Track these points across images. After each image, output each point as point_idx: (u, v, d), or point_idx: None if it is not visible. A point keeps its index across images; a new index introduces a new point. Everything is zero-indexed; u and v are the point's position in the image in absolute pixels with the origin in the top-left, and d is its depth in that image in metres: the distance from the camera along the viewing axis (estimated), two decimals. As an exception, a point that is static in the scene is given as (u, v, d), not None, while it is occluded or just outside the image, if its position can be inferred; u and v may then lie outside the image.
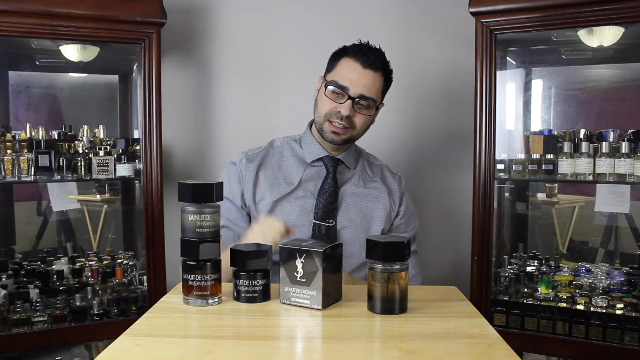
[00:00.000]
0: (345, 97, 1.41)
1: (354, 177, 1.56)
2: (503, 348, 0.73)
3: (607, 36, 1.84)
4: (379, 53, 1.46)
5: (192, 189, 0.90)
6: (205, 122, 2.23)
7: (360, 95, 1.41)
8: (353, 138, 1.50)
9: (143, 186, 1.91)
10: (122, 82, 2.32)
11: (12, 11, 1.70)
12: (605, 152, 1.76)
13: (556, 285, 1.88)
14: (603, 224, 2.12)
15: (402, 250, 0.86)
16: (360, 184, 1.55)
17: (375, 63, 1.43)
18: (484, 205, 1.82)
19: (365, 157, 1.65)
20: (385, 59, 1.48)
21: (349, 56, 1.45)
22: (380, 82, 1.46)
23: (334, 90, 1.43)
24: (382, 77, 1.46)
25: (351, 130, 1.45)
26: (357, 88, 1.41)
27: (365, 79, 1.42)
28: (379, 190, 1.56)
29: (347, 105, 1.41)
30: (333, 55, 1.52)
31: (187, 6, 2.19)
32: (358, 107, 1.43)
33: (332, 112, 1.43)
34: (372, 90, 1.43)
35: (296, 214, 1.47)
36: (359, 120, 1.45)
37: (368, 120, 1.49)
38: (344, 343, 0.76)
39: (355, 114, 1.43)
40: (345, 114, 1.41)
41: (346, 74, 1.42)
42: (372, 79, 1.43)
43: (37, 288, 1.83)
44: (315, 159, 1.53)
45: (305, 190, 1.50)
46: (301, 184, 1.50)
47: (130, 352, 0.72)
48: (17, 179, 1.84)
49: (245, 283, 0.93)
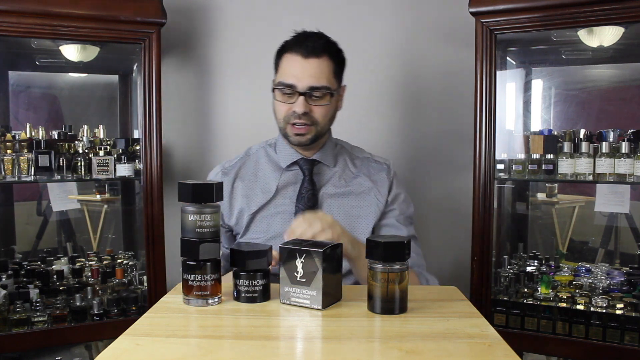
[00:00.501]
0: (295, 94, 1.33)
1: (335, 176, 1.46)
2: (503, 348, 0.73)
3: (607, 36, 1.84)
4: (317, 37, 1.37)
5: (192, 189, 0.90)
6: (205, 122, 2.23)
7: (310, 87, 1.33)
8: (320, 133, 1.40)
9: (143, 186, 1.91)
10: (122, 82, 2.32)
11: (12, 11, 1.70)
12: (605, 152, 1.76)
13: (556, 285, 1.88)
14: (603, 224, 2.12)
15: (402, 250, 0.86)
16: (342, 183, 1.45)
17: (315, 49, 1.34)
18: (484, 205, 1.82)
19: (349, 151, 1.54)
20: (327, 41, 1.38)
21: (289, 51, 1.36)
22: (329, 66, 1.37)
23: (282, 91, 1.35)
24: (329, 61, 1.37)
25: (314, 126, 1.37)
26: (303, 81, 1.33)
27: (310, 69, 1.33)
28: (363, 186, 1.46)
29: (300, 102, 1.33)
30: (276, 54, 1.43)
31: (187, 6, 2.19)
32: (312, 100, 1.34)
33: (289, 114, 1.36)
34: (320, 79, 1.34)
35: (277, 224, 1.39)
36: (318, 114, 1.36)
37: (329, 109, 1.39)
38: (344, 343, 0.76)
39: (311, 108, 1.35)
40: (300, 111, 1.33)
41: (289, 71, 1.35)
42: (318, 66, 1.34)
43: (37, 288, 1.83)
44: (290, 162, 1.44)
45: (284, 197, 1.42)
46: (279, 191, 1.42)
47: (130, 352, 0.72)
48: (17, 179, 1.84)
49: (245, 283, 0.93)
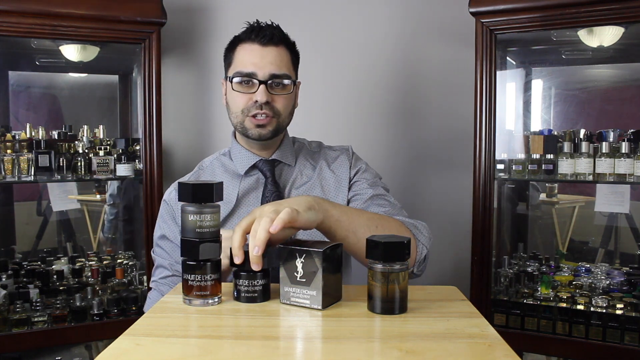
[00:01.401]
0: (256, 83, 1.25)
1: (297, 174, 1.37)
2: (503, 348, 0.73)
3: (607, 36, 1.84)
4: (272, 27, 1.30)
5: (192, 189, 0.90)
6: (205, 122, 2.23)
7: (271, 74, 1.25)
8: (280, 127, 1.31)
9: (143, 186, 1.91)
10: (122, 82, 2.32)
11: (12, 11, 1.70)
12: (605, 152, 1.76)
13: (556, 285, 1.88)
14: (603, 224, 2.12)
15: (402, 250, 0.86)
16: (304, 179, 1.36)
17: (273, 38, 1.27)
18: (484, 205, 1.82)
19: (307, 147, 1.45)
20: (282, 32, 1.31)
21: (244, 42, 1.29)
22: (287, 56, 1.30)
23: (241, 81, 1.26)
24: (286, 51, 1.30)
25: (275, 118, 1.28)
26: (264, 69, 1.25)
27: (270, 56, 1.26)
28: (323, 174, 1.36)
29: (262, 91, 1.24)
30: (226, 50, 1.36)
31: (187, 6, 2.19)
32: (273, 90, 1.26)
33: (249, 105, 1.26)
34: (281, 67, 1.27)
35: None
36: (280, 104, 1.28)
37: (290, 101, 1.31)
38: (344, 343, 0.76)
39: (273, 98, 1.26)
40: (262, 100, 1.24)
41: (248, 59, 1.26)
42: (277, 54, 1.27)
43: (37, 288, 1.83)
44: (249, 167, 1.34)
45: (247, 206, 1.31)
46: (240, 200, 1.31)
47: (130, 352, 0.72)
48: (17, 179, 1.84)
49: (245, 283, 0.92)
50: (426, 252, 1.19)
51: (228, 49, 1.35)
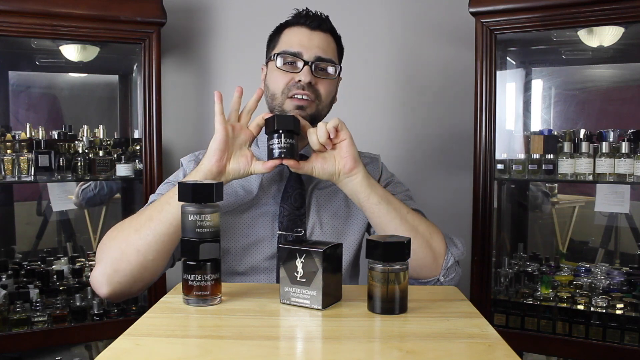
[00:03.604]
0: (301, 62, 1.22)
1: None
2: (503, 348, 0.73)
3: (607, 36, 1.84)
4: (323, 17, 1.29)
5: (192, 189, 0.90)
6: (205, 122, 2.23)
7: (317, 57, 1.23)
8: (320, 114, 1.27)
9: (143, 186, 1.91)
10: (122, 82, 2.32)
11: (12, 11, 1.70)
12: (605, 152, 1.76)
13: (556, 285, 1.88)
14: (603, 224, 2.12)
15: (402, 250, 0.86)
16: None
17: (321, 25, 1.26)
18: (484, 205, 1.82)
19: None
20: (331, 24, 1.30)
21: (292, 26, 1.28)
22: (334, 45, 1.29)
23: (285, 60, 1.23)
24: (333, 40, 1.29)
25: (317, 102, 1.24)
26: (311, 51, 1.23)
27: (318, 40, 1.24)
28: None
29: (306, 71, 1.21)
30: (271, 35, 1.34)
31: (187, 6, 2.19)
32: (318, 72, 1.24)
33: (291, 85, 1.22)
34: (327, 52, 1.25)
35: (259, 226, 1.24)
36: (323, 88, 1.24)
37: (332, 88, 1.29)
38: (344, 343, 0.76)
39: (317, 81, 1.23)
40: (306, 80, 1.20)
41: (295, 40, 1.24)
42: (325, 39, 1.26)
43: (37, 288, 1.83)
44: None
45: (268, 197, 1.27)
46: (262, 190, 1.27)
47: (130, 352, 0.72)
48: (17, 179, 1.84)
49: (276, 141, 1.06)
50: (453, 261, 1.18)
51: (274, 33, 1.33)
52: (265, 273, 1.24)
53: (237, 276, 1.24)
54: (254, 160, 1.11)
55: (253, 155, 1.11)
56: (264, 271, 1.24)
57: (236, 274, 1.24)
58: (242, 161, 1.10)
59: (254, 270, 1.24)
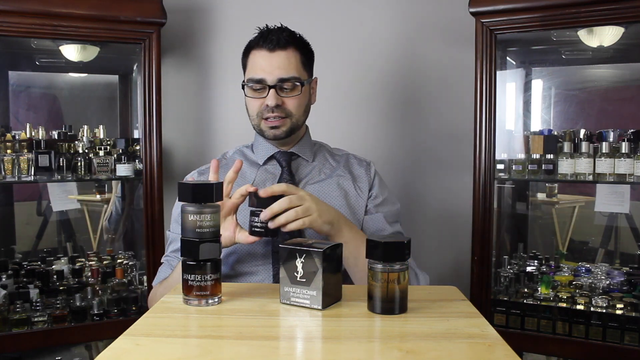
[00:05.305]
0: (266, 88, 1.32)
1: (314, 170, 1.42)
2: (503, 348, 0.73)
3: (607, 36, 1.84)
4: (280, 31, 1.35)
5: (192, 189, 0.90)
6: (205, 122, 2.23)
7: (279, 79, 1.31)
8: (295, 126, 1.37)
9: (143, 186, 1.91)
10: (122, 82, 2.32)
11: (12, 11, 1.70)
12: (605, 152, 1.76)
13: (556, 285, 1.88)
14: (603, 224, 2.12)
15: (402, 250, 0.86)
16: (321, 176, 1.41)
17: (280, 41, 1.32)
18: (484, 205, 1.83)
19: (328, 150, 1.52)
20: (290, 33, 1.36)
21: (254, 48, 1.35)
22: (296, 57, 1.35)
23: (252, 87, 1.34)
24: (295, 52, 1.35)
25: (288, 118, 1.34)
26: (272, 74, 1.31)
27: (277, 61, 1.32)
28: (341, 177, 1.41)
29: (271, 95, 1.31)
30: (242, 56, 1.42)
31: (187, 6, 2.19)
32: (283, 93, 1.33)
33: (262, 109, 1.33)
34: (289, 70, 1.32)
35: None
36: (291, 105, 1.34)
37: (302, 100, 1.37)
38: (344, 343, 0.76)
39: (284, 101, 1.33)
40: (272, 104, 1.31)
41: (257, 65, 1.33)
42: (285, 58, 1.33)
43: (37, 288, 1.83)
44: (267, 157, 1.41)
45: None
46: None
47: (130, 352, 0.72)
48: (17, 179, 1.84)
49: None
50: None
51: (243, 55, 1.41)
52: (260, 275, 1.27)
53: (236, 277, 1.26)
54: (237, 229, 1.16)
55: (237, 224, 1.17)
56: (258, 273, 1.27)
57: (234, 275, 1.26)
58: (226, 234, 1.14)
59: (250, 270, 1.27)
